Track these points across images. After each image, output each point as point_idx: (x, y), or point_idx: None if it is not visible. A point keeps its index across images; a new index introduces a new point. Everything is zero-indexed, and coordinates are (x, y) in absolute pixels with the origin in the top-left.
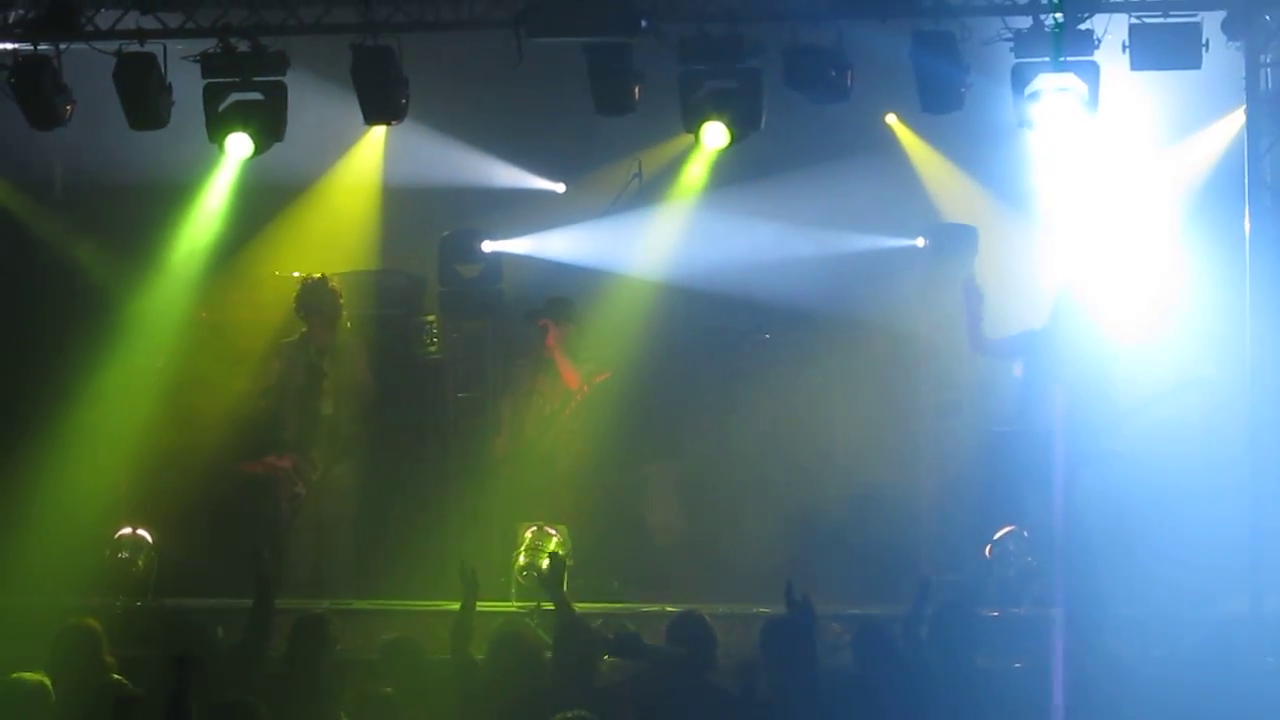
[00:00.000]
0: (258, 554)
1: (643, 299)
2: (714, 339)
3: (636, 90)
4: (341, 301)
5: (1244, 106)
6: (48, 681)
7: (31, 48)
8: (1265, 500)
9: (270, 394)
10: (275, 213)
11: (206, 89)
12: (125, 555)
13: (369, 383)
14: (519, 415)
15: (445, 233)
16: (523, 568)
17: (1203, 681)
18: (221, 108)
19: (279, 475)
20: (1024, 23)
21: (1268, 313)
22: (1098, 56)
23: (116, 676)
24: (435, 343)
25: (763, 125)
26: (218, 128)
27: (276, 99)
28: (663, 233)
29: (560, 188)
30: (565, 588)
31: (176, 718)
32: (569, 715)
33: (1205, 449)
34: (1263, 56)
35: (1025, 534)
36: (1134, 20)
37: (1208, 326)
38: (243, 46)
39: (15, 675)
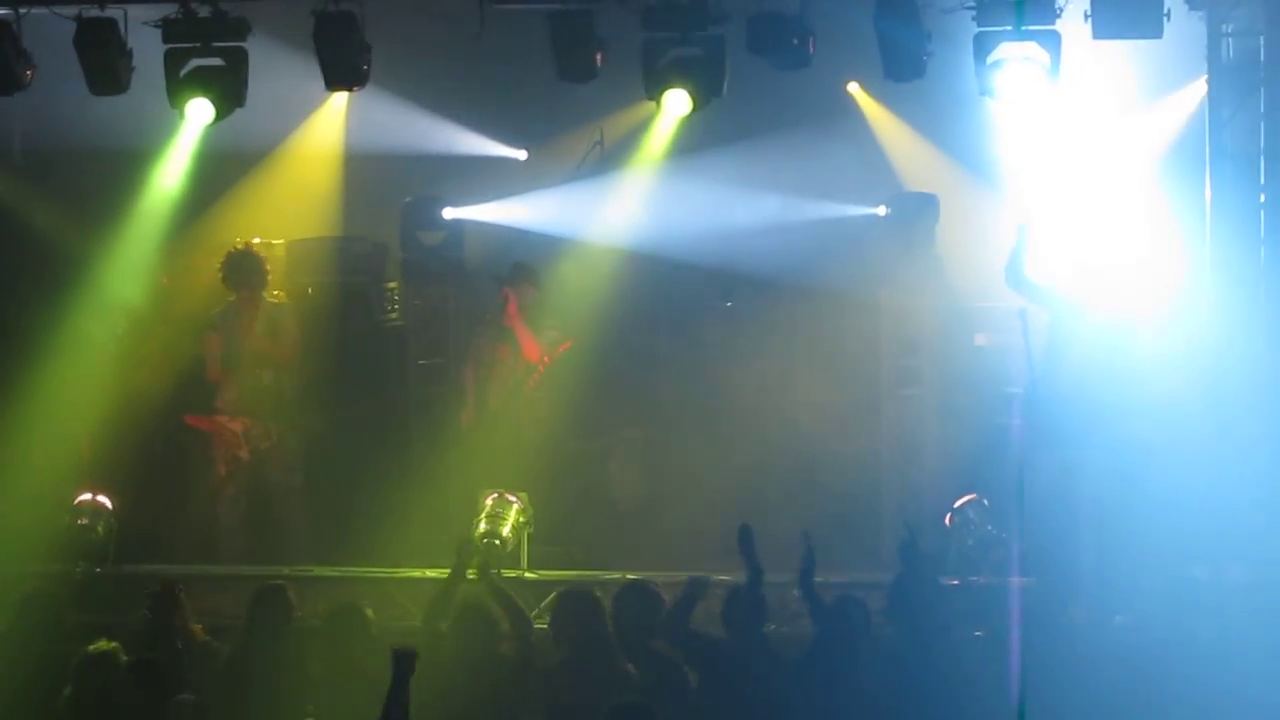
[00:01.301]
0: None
1: (605, 266)
2: (676, 306)
3: (599, 57)
4: (268, 269)
5: (1205, 76)
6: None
7: None
8: (1227, 467)
9: (214, 365)
10: (236, 179)
11: (167, 54)
12: (84, 521)
13: (299, 350)
14: (483, 385)
15: (407, 199)
16: (483, 535)
17: (1162, 649)
18: (182, 73)
19: (224, 435)
20: None
21: (1227, 281)
22: (1060, 25)
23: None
24: (397, 310)
25: (725, 92)
26: (178, 93)
27: (238, 65)
28: (625, 200)
29: (522, 154)
30: (525, 556)
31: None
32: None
33: (1171, 417)
34: (1224, 26)
35: (985, 502)
36: None
37: (1175, 297)
38: (204, 12)
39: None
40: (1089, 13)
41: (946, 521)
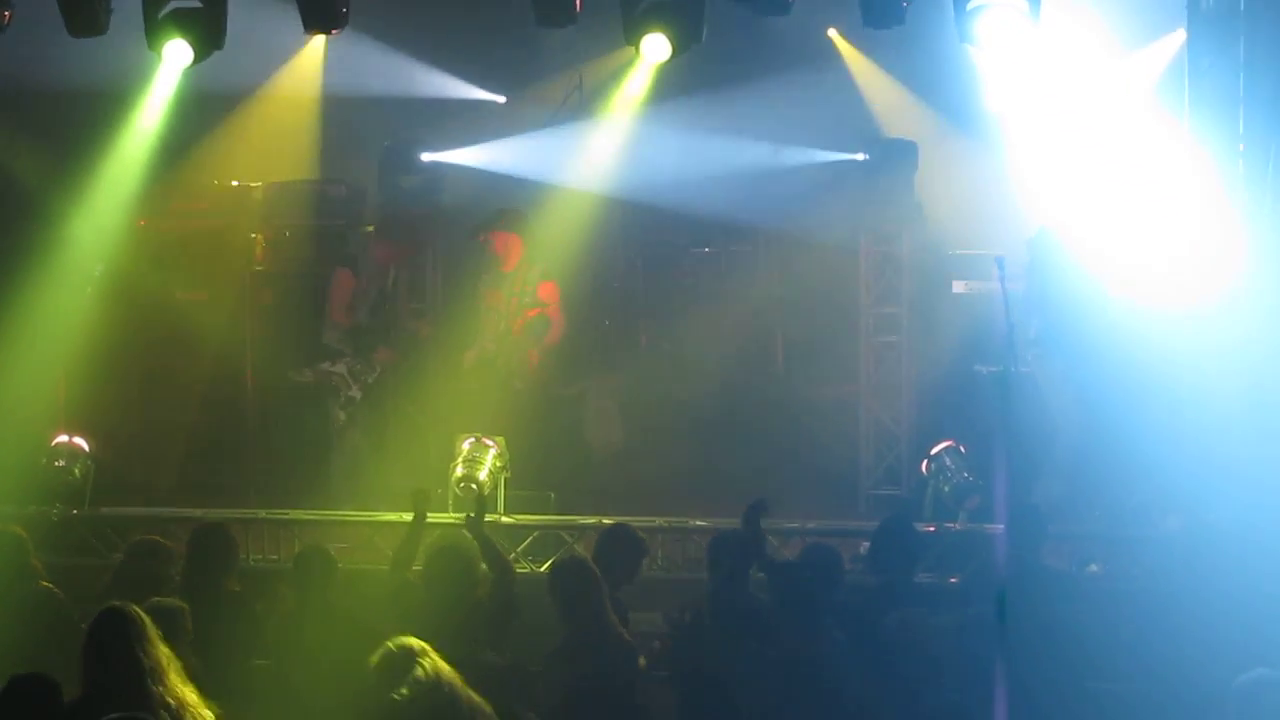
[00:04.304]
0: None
1: (583, 212)
2: (654, 252)
3: (578, 2)
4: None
5: (1185, 25)
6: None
7: None
8: (1204, 416)
9: (340, 305)
10: (214, 122)
11: None
12: (61, 463)
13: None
14: (481, 329)
15: (385, 143)
16: (459, 479)
17: (1137, 596)
18: (161, 15)
19: (334, 381)
20: None
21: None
22: None
23: (45, 583)
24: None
25: (704, 38)
26: (157, 35)
27: (216, 6)
28: (604, 146)
29: (501, 99)
30: (502, 500)
31: None
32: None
33: (1149, 368)
34: None
35: (962, 449)
36: None
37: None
38: None
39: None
40: None
41: (923, 468)
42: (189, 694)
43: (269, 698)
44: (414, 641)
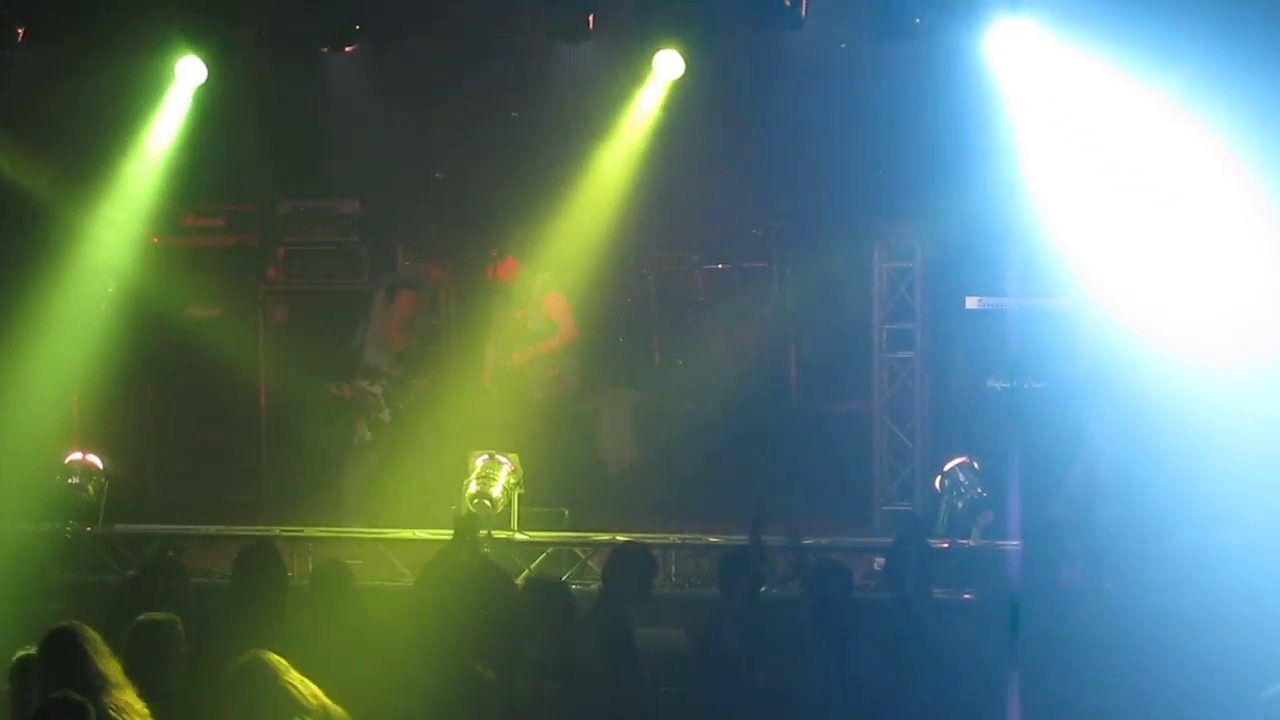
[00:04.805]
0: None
1: (598, 227)
2: (668, 268)
3: (590, 18)
4: None
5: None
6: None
7: None
8: (1217, 435)
9: (399, 328)
10: (228, 138)
11: None
12: (75, 481)
13: None
14: (497, 346)
15: (399, 159)
16: (473, 496)
17: (1150, 614)
18: (175, 31)
19: (368, 401)
20: None
21: None
22: None
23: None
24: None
25: (717, 53)
26: (171, 51)
27: (231, 23)
28: (618, 161)
29: (514, 114)
30: (515, 517)
31: None
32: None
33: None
34: None
35: (975, 465)
36: None
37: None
38: None
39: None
40: None
41: (936, 484)
42: (144, 708)
43: None
44: (275, 657)
